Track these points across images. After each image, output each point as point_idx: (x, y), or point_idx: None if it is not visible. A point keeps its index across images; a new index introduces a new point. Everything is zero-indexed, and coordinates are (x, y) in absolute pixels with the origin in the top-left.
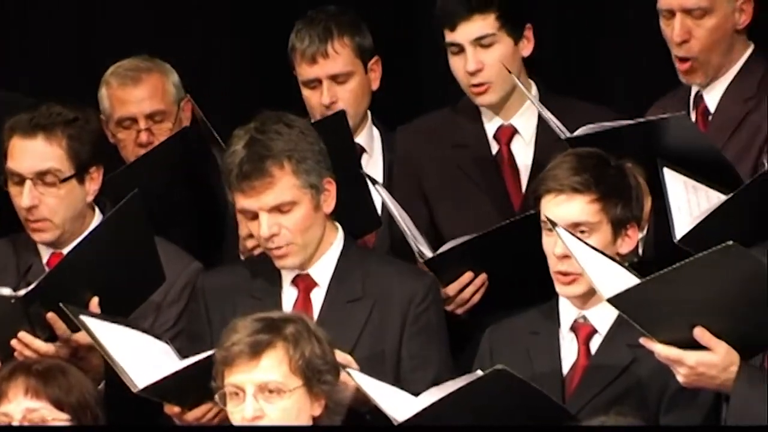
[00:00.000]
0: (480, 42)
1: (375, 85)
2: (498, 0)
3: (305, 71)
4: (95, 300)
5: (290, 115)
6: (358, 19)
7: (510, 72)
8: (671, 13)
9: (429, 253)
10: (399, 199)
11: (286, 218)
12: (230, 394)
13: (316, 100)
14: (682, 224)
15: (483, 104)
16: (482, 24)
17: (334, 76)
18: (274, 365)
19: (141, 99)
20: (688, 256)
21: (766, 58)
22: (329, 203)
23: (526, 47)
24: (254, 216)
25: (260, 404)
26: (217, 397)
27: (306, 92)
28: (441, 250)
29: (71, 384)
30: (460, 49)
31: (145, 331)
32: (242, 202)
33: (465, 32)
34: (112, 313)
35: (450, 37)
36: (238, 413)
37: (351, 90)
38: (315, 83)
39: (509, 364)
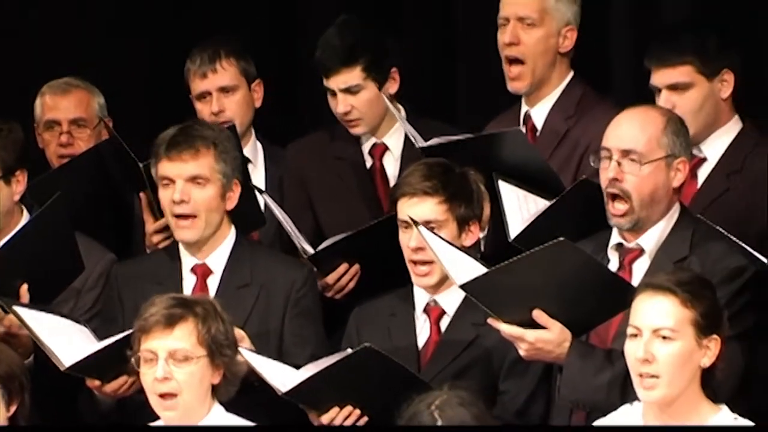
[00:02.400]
0: (348, 90)
1: (257, 104)
2: (362, 55)
3: (197, 86)
4: (25, 287)
5: None
6: (242, 49)
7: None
8: (507, 21)
9: (310, 250)
10: (289, 205)
11: (197, 190)
12: (144, 358)
13: (207, 111)
14: (515, 226)
15: (355, 134)
16: (349, 76)
17: (222, 88)
18: (184, 336)
19: (67, 107)
20: (520, 253)
21: (582, 83)
22: (232, 201)
23: (393, 86)
24: (170, 183)
25: (170, 368)
26: (133, 360)
27: (198, 106)
28: (320, 247)
29: (1, 358)
30: (333, 93)
31: (65, 316)
32: (165, 168)
33: (335, 82)
34: (39, 297)
35: (325, 82)
36: (151, 374)
37: (236, 101)
38: (206, 96)
39: (372, 341)
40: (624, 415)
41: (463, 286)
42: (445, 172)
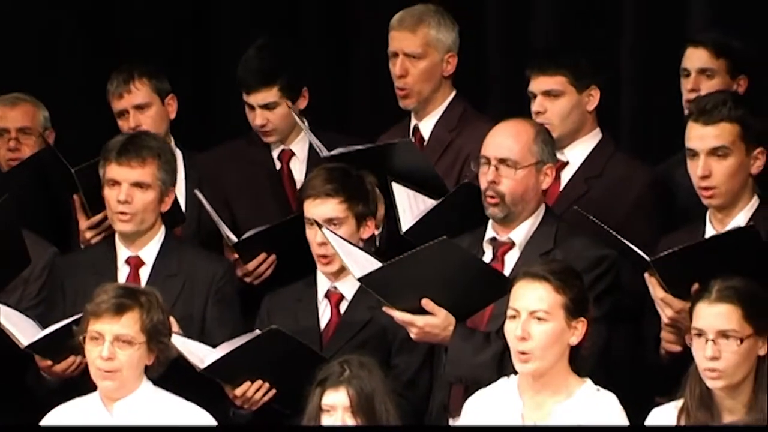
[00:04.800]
0: (266, 106)
1: (172, 116)
2: (280, 77)
3: (116, 105)
4: None
5: None
6: (156, 68)
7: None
8: (396, 55)
9: (234, 239)
10: (209, 204)
11: (139, 194)
12: (91, 337)
13: (126, 127)
14: (407, 221)
15: (268, 142)
16: (267, 94)
17: (137, 106)
18: (130, 323)
19: (15, 117)
20: (411, 247)
21: (463, 100)
22: (167, 204)
23: (303, 103)
24: (116, 185)
25: (114, 349)
26: (80, 338)
27: (119, 122)
28: (243, 237)
29: None
30: (252, 107)
31: (12, 306)
32: (114, 171)
33: (255, 99)
34: None
35: (245, 98)
36: (96, 352)
37: (151, 117)
38: (124, 113)
39: (280, 324)
40: (501, 386)
41: (360, 279)
42: (344, 175)
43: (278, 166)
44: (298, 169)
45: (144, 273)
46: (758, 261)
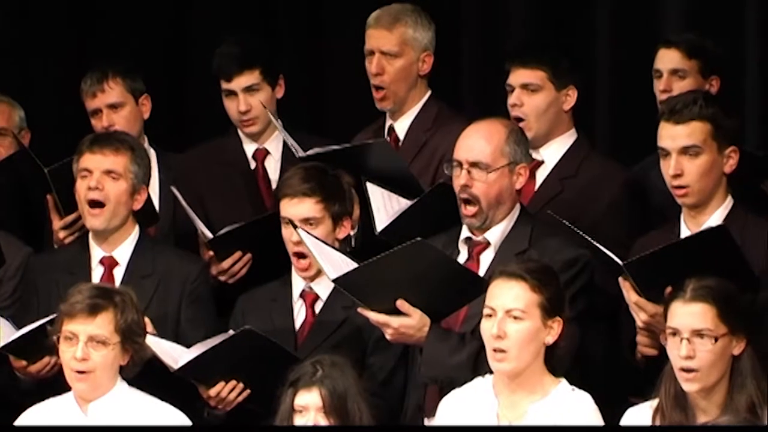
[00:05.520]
0: (249, 89)
1: (146, 116)
2: (261, 60)
3: (89, 104)
4: None
5: None
6: (131, 67)
7: (270, 113)
8: (372, 53)
9: (210, 235)
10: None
11: (110, 183)
12: (65, 337)
13: (100, 126)
14: (382, 221)
15: (251, 133)
16: (249, 77)
17: (111, 105)
18: (104, 324)
19: None
20: (387, 247)
21: (438, 100)
22: (139, 202)
23: (280, 92)
24: (88, 174)
25: (88, 349)
26: (54, 338)
27: (93, 121)
28: (219, 233)
29: None
30: (233, 94)
31: None
32: (86, 160)
33: (237, 83)
34: None
35: (225, 85)
36: (70, 352)
37: (124, 116)
38: (98, 112)
39: (255, 323)
40: (476, 385)
41: (335, 280)
42: (321, 174)
43: (253, 165)
44: (273, 168)
45: (118, 273)
46: (730, 261)
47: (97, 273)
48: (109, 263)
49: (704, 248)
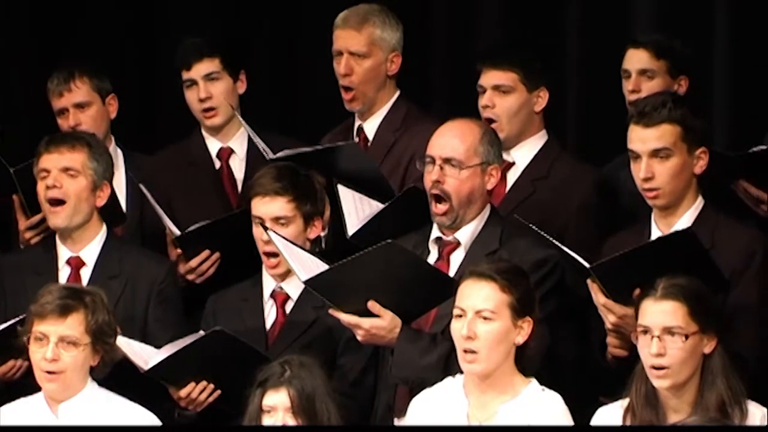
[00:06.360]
0: (209, 77)
1: (112, 115)
2: (221, 49)
3: (56, 103)
4: None
5: None
6: (97, 67)
7: (232, 108)
8: (340, 54)
9: (177, 232)
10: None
11: (69, 180)
12: (36, 338)
13: (66, 126)
14: (353, 225)
15: (212, 125)
16: (209, 64)
17: (77, 105)
18: (75, 324)
19: None
20: (357, 249)
21: (407, 100)
22: (101, 199)
23: (241, 87)
24: (47, 174)
25: (59, 350)
26: (24, 338)
27: (59, 121)
28: (187, 230)
29: None
30: (194, 83)
31: None
32: (44, 161)
33: (197, 70)
34: None
35: (186, 75)
36: (40, 353)
37: (91, 116)
38: (64, 112)
39: (226, 324)
40: (446, 386)
41: (306, 282)
42: (293, 173)
43: (217, 164)
44: (238, 167)
45: (85, 273)
46: (698, 264)
47: (63, 273)
48: (76, 263)
49: (671, 251)
